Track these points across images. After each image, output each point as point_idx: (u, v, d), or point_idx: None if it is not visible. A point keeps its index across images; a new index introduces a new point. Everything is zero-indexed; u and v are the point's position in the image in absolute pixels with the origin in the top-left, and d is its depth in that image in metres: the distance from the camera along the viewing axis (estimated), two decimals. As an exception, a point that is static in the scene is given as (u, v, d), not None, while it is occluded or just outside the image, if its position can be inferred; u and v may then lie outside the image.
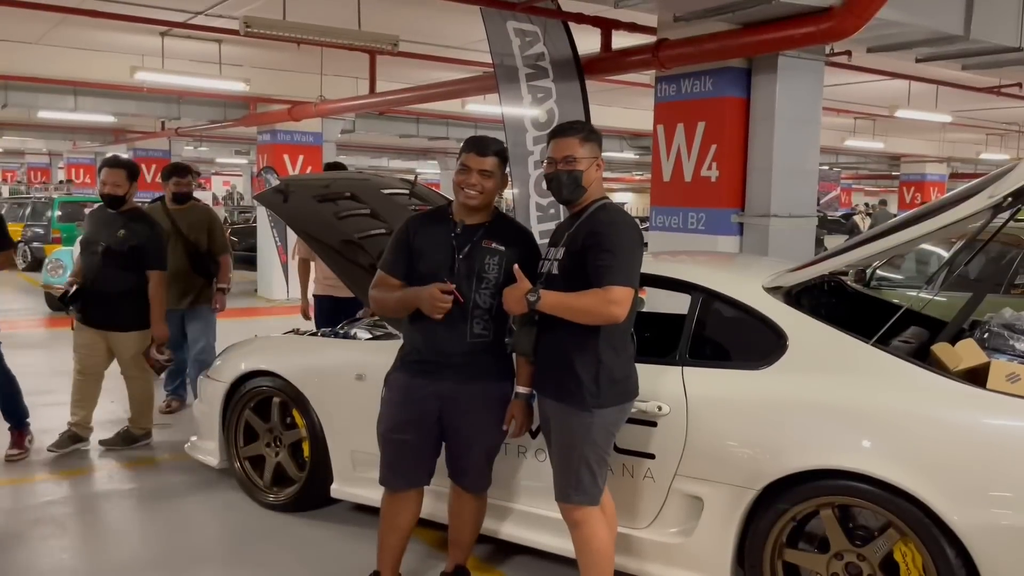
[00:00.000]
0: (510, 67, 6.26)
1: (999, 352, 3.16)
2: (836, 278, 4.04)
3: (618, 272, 2.73)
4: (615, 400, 2.86)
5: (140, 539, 3.90)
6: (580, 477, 2.85)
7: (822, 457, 2.84)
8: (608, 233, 2.79)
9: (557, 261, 2.92)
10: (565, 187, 2.92)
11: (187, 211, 5.83)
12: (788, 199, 5.79)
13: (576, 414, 2.84)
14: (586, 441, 2.83)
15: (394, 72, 10.33)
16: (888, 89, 11.24)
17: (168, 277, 5.30)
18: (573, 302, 2.78)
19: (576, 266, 2.82)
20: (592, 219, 2.89)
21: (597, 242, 2.78)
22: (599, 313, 2.74)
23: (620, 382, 2.88)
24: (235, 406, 4.34)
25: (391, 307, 3.15)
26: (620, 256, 2.75)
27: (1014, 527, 2.56)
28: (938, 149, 19.98)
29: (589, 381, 2.81)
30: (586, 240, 2.81)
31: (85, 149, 23.28)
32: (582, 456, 2.84)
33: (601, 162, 2.97)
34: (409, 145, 21.63)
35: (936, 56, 6.23)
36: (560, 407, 2.89)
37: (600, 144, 2.99)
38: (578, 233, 2.87)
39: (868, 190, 37.53)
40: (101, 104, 13.09)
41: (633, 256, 2.81)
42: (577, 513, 2.90)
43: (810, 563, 2.95)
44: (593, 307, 2.74)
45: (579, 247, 2.83)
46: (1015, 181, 2.72)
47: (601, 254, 2.75)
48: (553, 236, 3.08)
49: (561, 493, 2.92)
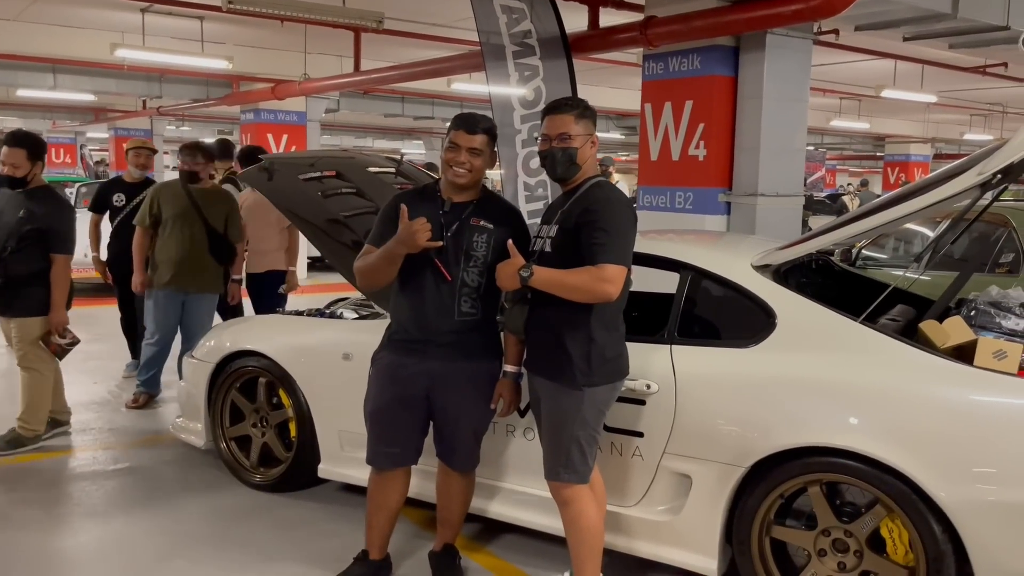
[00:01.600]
0: (497, 45, 6.19)
1: (986, 329, 3.16)
2: (824, 257, 4.04)
3: (612, 250, 2.72)
4: (606, 379, 2.86)
5: (125, 520, 3.87)
6: (570, 455, 2.85)
7: (810, 435, 2.85)
8: (602, 211, 2.78)
9: (550, 238, 2.91)
10: (559, 164, 2.90)
11: (208, 192, 5.54)
12: (775, 178, 5.78)
13: (567, 392, 2.83)
14: (576, 419, 2.83)
15: (379, 50, 10.23)
16: (874, 69, 11.25)
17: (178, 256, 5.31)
18: (566, 279, 2.76)
19: (569, 243, 2.82)
20: (586, 197, 2.87)
21: (591, 220, 2.77)
22: (591, 290, 2.73)
23: (611, 361, 2.87)
24: (221, 386, 4.30)
25: (376, 266, 3.03)
26: (614, 234, 2.74)
27: (999, 503, 2.58)
28: (922, 130, 20.05)
29: (580, 359, 2.81)
30: (580, 218, 2.80)
31: (65, 128, 22.97)
32: (572, 434, 2.84)
33: (596, 139, 2.95)
34: (394, 125, 21.49)
35: (924, 35, 6.22)
36: (551, 385, 2.89)
37: (595, 121, 2.97)
38: (572, 210, 2.86)
39: (853, 171, 37.62)
40: (81, 82, 12.90)
41: (627, 235, 2.80)
42: (566, 491, 2.90)
43: (798, 540, 2.97)
44: (585, 284, 2.73)
45: (573, 224, 2.82)
46: (1004, 158, 2.71)
47: (595, 232, 2.74)
48: (546, 214, 3.07)
49: (551, 471, 2.92)
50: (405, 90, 14.23)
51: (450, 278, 3.00)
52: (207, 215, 5.42)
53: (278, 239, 5.94)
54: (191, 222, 5.38)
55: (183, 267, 5.37)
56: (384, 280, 3.09)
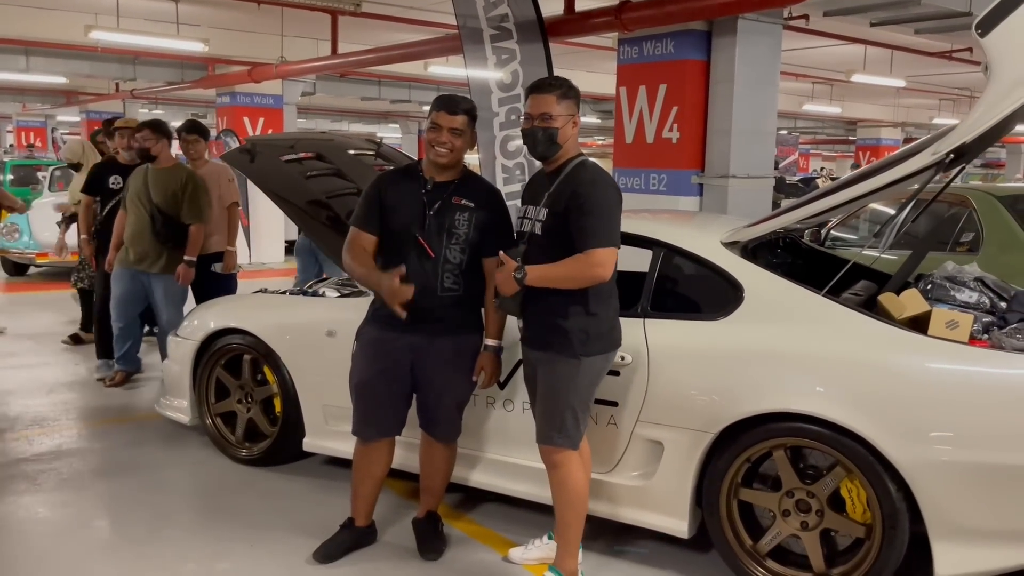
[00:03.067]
0: (474, 28, 6.29)
1: (942, 302, 3.33)
2: (791, 236, 4.20)
3: (600, 234, 2.81)
4: (601, 349, 2.97)
5: (112, 494, 3.96)
6: (564, 421, 2.95)
7: (775, 401, 3.00)
8: (589, 194, 2.85)
9: (540, 222, 2.97)
10: (540, 143, 2.96)
11: (162, 171, 5.43)
12: (746, 160, 5.94)
13: (564, 361, 2.93)
14: (571, 387, 2.94)
15: (356, 33, 10.25)
16: (845, 54, 11.45)
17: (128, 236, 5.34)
18: (558, 272, 2.87)
19: (560, 226, 2.90)
20: (572, 179, 2.93)
21: (579, 204, 2.85)
22: (584, 277, 2.84)
23: (607, 332, 2.99)
24: (206, 364, 4.39)
25: (360, 278, 3.27)
26: (601, 217, 2.83)
27: (950, 463, 2.75)
28: (893, 114, 20.37)
29: (579, 331, 2.91)
30: (569, 201, 2.88)
31: (35, 112, 22.68)
32: (567, 401, 2.94)
33: (577, 119, 3.00)
34: (371, 108, 21.43)
35: (890, 20, 6.39)
36: (548, 356, 2.98)
37: (578, 102, 3.02)
38: (560, 193, 2.93)
39: (826, 155, 38.05)
40: (54, 64, 12.79)
41: (614, 215, 2.88)
42: (557, 455, 3.00)
43: (763, 501, 3.13)
44: (578, 272, 2.84)
45: (562, 208, 2.89)
46: (956, 139, 2.86)
47: (583, 217, 2.83)
48: (528, 193, 3.13)
49: (544, 436, 3.01)
50: (382, 73, 14.24)
51: (433, 255, 3.12)
52: (153, 195, 5.36)
53: (219, 221, 5.82)
54: (140, 202, 5.39)
55: (132, 247, 5.40)
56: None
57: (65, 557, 3.34)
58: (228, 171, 5.95)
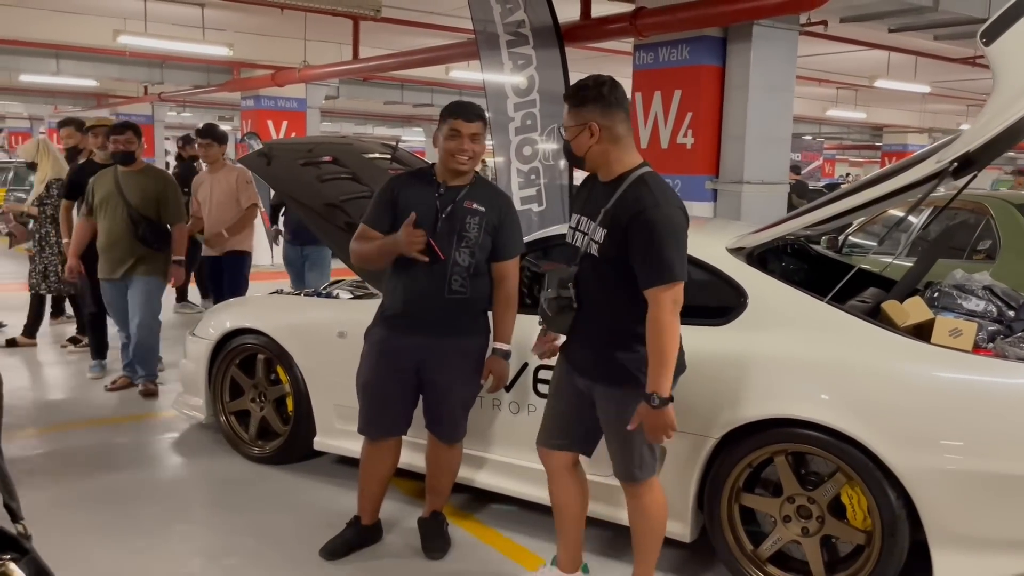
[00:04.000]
0: (491, 34, 6.34)
1: (948, 310, 3.34)
2: (800, 242, 4.21)
3: (672, 268, 2.56)
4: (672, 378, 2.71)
5: (129, 488, 4.05)
6: (643, 455, 2.80)
7: (777, 407, 3.01)
8: (655, 220, 2.56)
9: (596, 243, 2.70)
10: (567, 156, 2.85)
11: (135, 174, 5.36)
12: (761, 166, 5.94)
13: (635, 397, 2.65)
14: None
15: (378, 38, 10.35)
16: (868, 59, 11.37)
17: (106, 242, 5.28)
18: (662, 356, 2.58)
19: (618, 251, 2.64)
20: (635, 198, 2.62)
21: (643, 233, 2.57)
22: (673, 326, 2.60)
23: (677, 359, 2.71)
24: (221, 363, 4.48)
25: (372, 255, 3.24)
26: (670, 250, 2.56)
27: (950, 471, 2.75)
28: (919, 120, 20.17)
29: (643, 361, 2.64)
30: (631, 224, 2.59)
31: (67, 113, 23.06)
32: (643, 436, 2.72)
33: (594, 127, 2.67)
34: (394, 112, 21.58)
35: (908, 27, 6.36)
36: (614, 392, 2.76)
37: (597, 106, 2.67)
38: (620, 212, 2.64)
39: (852, 160, 37.71)
40: (83, 68, 13.03)
41: (682, 245, 2.61)
42: (640, 487, 2.86)
43: (765, 506, 3.14)
44: (668, 333, 2.58)
45: (622, 231, 2.62)
46: (960, 148, 2.87)
47: (650, 248, 2.56)
48: (582, 201, 2.87)
49: (626, 474, 2.86)
50: (404, 77, 14.34)
51: (443, 257, 3.17)
52: (129, 198, 5.26)
53: (239, 222, 5.91)
54: (115, 206, 5.28)
55: (112, 254, 5.31)
56: (376, 267, 3.32)
57: (77, 549, 3.43)
58: (245, 173, 6.04)
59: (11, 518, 1.36)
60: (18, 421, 4.98)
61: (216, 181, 6.03)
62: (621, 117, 2.71)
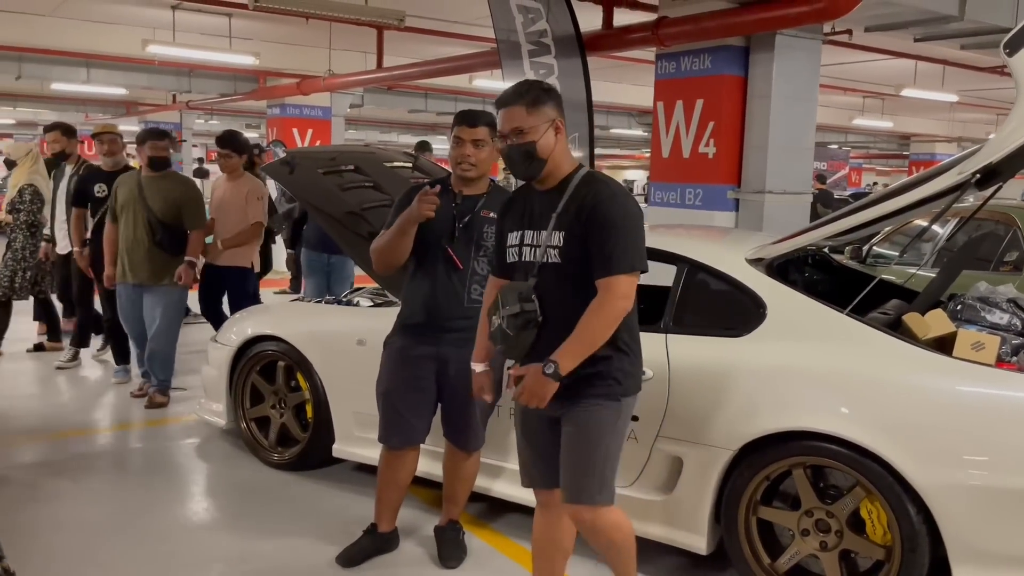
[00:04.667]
0: (513, 43, 6.37)
1: (971, 323, 3.30)
2: (821, 253, 4.17)
3: (627, 256, 2.47)
4: (636, 387, 2.69)
5: (145, 494, 4.09)
6: (605, 474, 2.60)
7: (795, 420, 2.99)
8: (611, 209, 2.49)
9: (556, 247, 2.57)
10: (519, 164, 2.59)
11: (159, 179, 5.36)
12: (783, 176, 5.90)
13: (605, 406, 2.57)
14: (613, 432, 2.61)
15: (402, 47, 10.43)
16: (895, 68, 11.27)
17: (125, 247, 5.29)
18: (587, 335, 2.46)
19: (581, 249, 2.52)
20: (588, 193, 2.54)
21: (602, 221, 2.48)
22: (615, 319, 2.48)
23: (638, 368, 2.69)
24: (242, 369, 4.52)
25: (391, 241, 3.18)
26: (629, 235, 2.48)
27: (972, 486, 2.71)
28: (948, 128, 19.93)
29: (616, 371, 2.58)
30: (589, 219, 2.50)
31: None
32: (608, 450, 2.59)
33: (559, 124, 2.58)
34: (418, 120, 21.71)
35: (933, 36, 6.30)
36: (584, 403, 2.58)
37: (558, 104, 2.60)
38: (576, 211, 2.54)
39: (879, 169, 37.35)
40: (113, 76, 13.25)
41: (639, 233, 2.53)
42: (598, 514, 2.63)
43: (783, 520, 3.12)
44: (606, 318, 2.47)
45: (581, 228, 2.51)
46: (983, 158, 2.84)
47: (608, 236, 2.47)
48: (518, 216, 2.70)
49: (584, 495, 2.60)
50: (428, 86, 14.43)
51: (461, 267, 3.19)
52: (151, 203, 5.26)
53: (246, 235, 5.80)
54: (136, 212, 5.29)
55: (131, 258, 5.31)
56: (398, 255, 3.21)
57: (97, 553, 3.47)
58: (259, 189, 5.94)
59: None
60: (42, 425, 5.06)
61: (229, 190, 5.88)
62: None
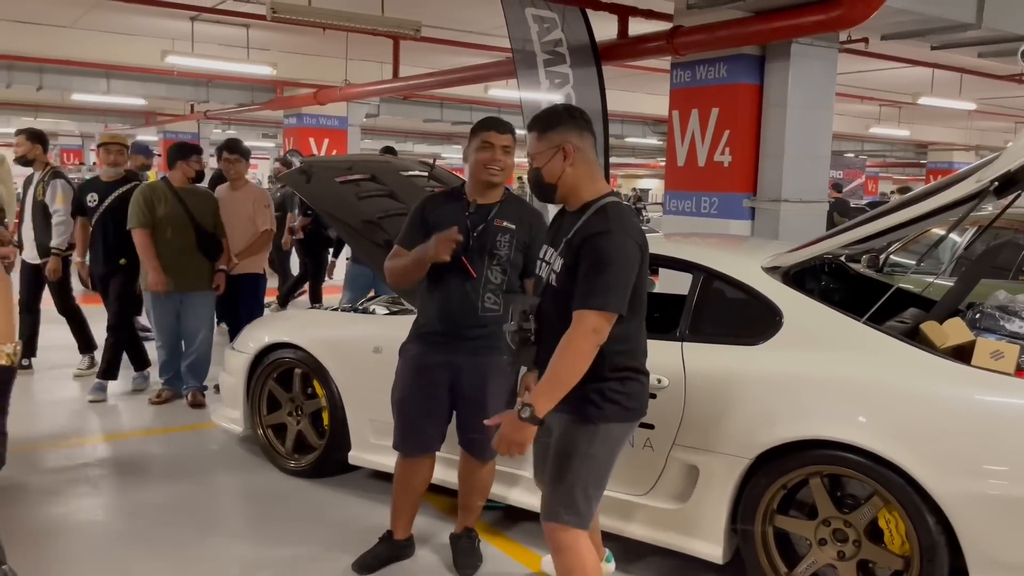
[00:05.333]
0: (528, 53, 6.39)
1: (990, 332, 3.27)
2: (837, 261, 4.16)
3: (598, 295, 2.44)
4: (621, 416, 2.62)
5: (163, 500, 4.11)
6: (573, 495, 2.59)
7: (812, 428, 2.98)
8: (599, 247, 2.47)
9: (555, 273, 2.62)
10: (534, 187, 2.67)
11: (195, 192, 5.67)
12: (799, 184, 5.89)
13: (579, 426, 2.59)
14: (587, 454, 2.58)
15: (417, 57, 10.49)
16: (912, 76, 11.22)
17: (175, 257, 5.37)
18: (558, 372, 2.45)
19: (571, 281, 2.53)
20: (590, 225, 2.53)
21: (587, 257, 2.48)
22: (584, 354, 2.45)
23: (625, 397, 2.61)
24: (259, 376, 4.54)
25: (406, 269, 3.22)
26: (608, 276, 2.45)
27: (991, 496, 2.69)
28: (965, 137, 19.80)
29: (594, 393, 2.56)
30: (580, 251, 2.51)
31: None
32: (578, 473, 2.58)
33: (569, 147, 2.58)
34: (433, 130, 21.81)
35: (950, 44, 6.28)
36: (564, 418, 2.61)
37: (573, 127, 2.60)
38: (575, 241, 2.54)
39: (896, 178, 37.13)
40: (133, 87, 13.41)
41: (624, 275, 2.48)
42: (564, 536, 2.61)
43: (799, 529, 3.10)
44: (574, 356, 2.44)
45: (574, 260, 2.52)
46: (1001, 166, 2.82)
47: (589, 273, 2.46)
48: (552, 234, 2.76)
49: (550, 512, 2.63)
50: (443, 95, 14.51)
51: (475, 275, 3.20)
52: (196, 215, 5.51)
53: (254, 244, 5.83)
54: (183, 223, 5.45)
55: (178, 268, 5.42)
56: (411, 281, 3.31)
57: (115, 560, 3.50)
58: (265, 196, 6.02)
59: None
60: (60, 431, 5.11)
61: (235, 200, 5.86)
62: (591, 142, 2.64)
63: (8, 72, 12.72)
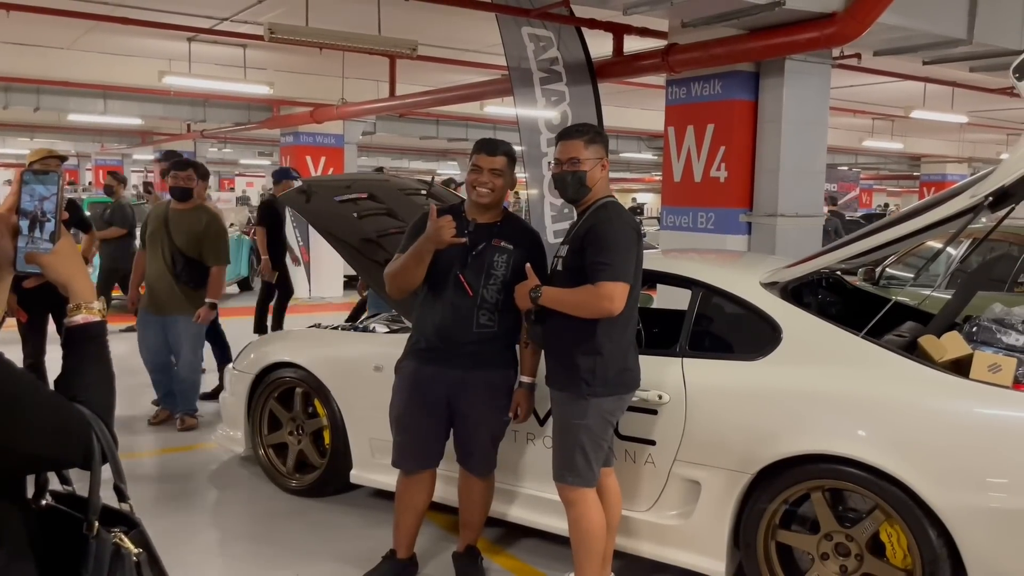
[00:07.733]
0: (525, 71, 6.44)
1: (987, 345, 3.29)
2: (834, 276, 4.19)
3: (611, 268, 2.91)
4: (612, 390, 3.03)
5: (165, 521, 4.10)
6: (574, 459, 3.03)
7: (813, 443, 3.00)
8: (605, 231, 2.97)
9: (561, 258, 3.12)
10: (570, 187, 3.11)
11: (186, 212, 5.44)
12: (795, 199, 5.93)
13: (573, 400, 3.03)
14: (581, 425, 3.01)
15: (414, 75, 10.54)
16: (904, 90, 11.29)
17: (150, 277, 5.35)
18: (568, 297, 3.00)
19: (577, 263, 3.01)
20: (593, 217, 3.06)
21: (594, 240, 2.97)
22: (593, 308, 2.94)
23: (618, 373, 3.04)
24: (260, 396, 4.55)
25: (406, 265, 3.23)
26: (614, 253, 2.93)
27: (992, 509, 2.71)
28: (958, 149, 19.92)
29: (587, 371, 2.99)
30: (586, 238, 3.00)
31: (113, 151, 23.73)
32: (576, 440, 3.02)
33: (606, 162, 3.14)
34: (429, 147, 21.86)
35: (942, 59, 6.34)
36: (561, 394, 3.10)
37: (606, 145, 3.16)
38: (580, 231, 3.06)
39: (890, 190, 37.30)
40: (129, 107, 13.42)
41: (626, 253, 2.97)
42: (571, 493, 3.08)
43: (802, 543, 3.11)
44: (587, 302, 2.95)
45: (579, 245, 3.01)
46: (996, 181, 2.86)
47: (596, 252, 2.94)
48: (569, 230, 3.26)
49: (557, 473, 3.11)
50: (439, 113, 14.55)
51: (472, 293, 3.23)
52: (173, 236, 5.34)
53: None
54: (160, 243, 5.37)
55: (152, 289, 5.40)
56: (412, 280, 3.27)
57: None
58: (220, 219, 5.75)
59: (119, 498, 1.54)
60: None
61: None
62: None
63: (5, 93, 12.75)
